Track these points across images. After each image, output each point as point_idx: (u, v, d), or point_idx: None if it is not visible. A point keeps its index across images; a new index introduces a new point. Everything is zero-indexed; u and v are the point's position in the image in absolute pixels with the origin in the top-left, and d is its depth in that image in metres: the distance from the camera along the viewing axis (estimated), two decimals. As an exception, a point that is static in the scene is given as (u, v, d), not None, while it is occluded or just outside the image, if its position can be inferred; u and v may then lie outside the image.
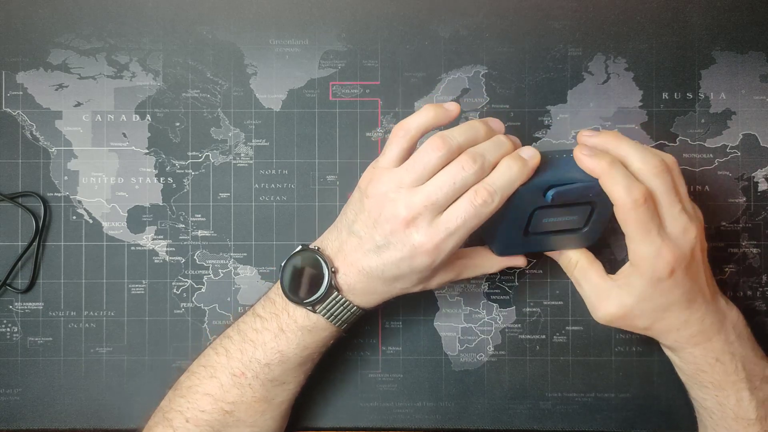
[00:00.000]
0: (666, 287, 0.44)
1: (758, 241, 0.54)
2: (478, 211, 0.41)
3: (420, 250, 0.42)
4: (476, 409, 0.54)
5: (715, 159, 0.54)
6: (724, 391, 0.45)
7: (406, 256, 0.42)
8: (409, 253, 0.42)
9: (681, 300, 0.44)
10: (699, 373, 0.46)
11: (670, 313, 0.45)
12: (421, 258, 0.42)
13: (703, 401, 0.47)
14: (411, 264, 0.43)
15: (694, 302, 0.45)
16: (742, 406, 0.45)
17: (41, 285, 0.54)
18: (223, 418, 0.45)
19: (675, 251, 0.43)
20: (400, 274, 0.43)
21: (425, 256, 0.42)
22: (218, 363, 0.46)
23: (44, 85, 0.54)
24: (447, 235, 0.42)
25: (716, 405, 0.46)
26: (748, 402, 0.45)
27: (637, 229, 0.42)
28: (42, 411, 0.54)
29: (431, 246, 0.42)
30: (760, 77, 0.54)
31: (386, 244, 0.43)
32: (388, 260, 0.43)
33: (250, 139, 0.54)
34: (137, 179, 0.54)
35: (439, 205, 0.42)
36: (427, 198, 0.41)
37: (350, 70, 0.54)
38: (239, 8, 0.54)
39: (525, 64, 0.54)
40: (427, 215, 0.42)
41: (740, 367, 0.45)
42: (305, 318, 0.45)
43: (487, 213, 0.42)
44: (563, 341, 0.54)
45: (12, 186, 0.54)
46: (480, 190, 0.41)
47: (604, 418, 0.54)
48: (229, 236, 0.54)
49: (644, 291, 0.44)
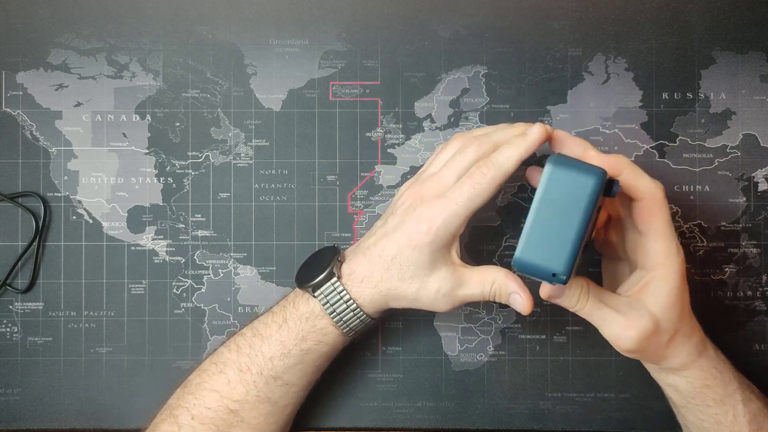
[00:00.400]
0: (684, 287, 0.42)
1: (758, 241, 0.54)
2: (476, 182, 0.42)
3: (416, 219, 0.43)
4: (476, 409, 0.54)
5: (715, 159, 0.54)
6: (723, 407, 0.44)
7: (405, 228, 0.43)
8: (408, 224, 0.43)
9: (688, 301, 0.43)
10: (705, 390, 0.44)
11: (685, 318, 0.43)
12: (418, 226, 0.43)
13: (700, 423, 0.46)
14: (409, 234, 0.43)
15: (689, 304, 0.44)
16: (738, 422, 0.44)
17: (41, 285, 0.54)
18: (227, 417, 0.45)
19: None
20: (398, 251, 0.44)
21: (422, 223, 0.43)
22: (228, 359, 0.46)
23: (44, 85, 0.54)
24: (444, 204, 0.43)
25: (714, 425, 0.45)
26: (742, 416, 0.44)
27: (666, 222, 0.41)
28: (42, 411, 0.54)
29: (428, 213, 0.43)
30: (760, 77, 0.54)
31: (393, 222, 0.45)
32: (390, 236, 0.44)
33: (250, 139, 0.54)
34: (137, 179, 0.54)
35: (445, 182, 0.44)
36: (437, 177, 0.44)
37: (350, 70, 0.54)
38: (239, 8, 0.54)
39: (525, 64, 0.54)
40: (434, 189, 0.44)
41: (733, 377, 0.45)
42: (305, 305, 0.46)
43: (486, 184, 0.42)
44: (563, 341, 0.54)
45: (12, 186, 0.54)
46: (479, 164, 0.43)
47: (604, 418, 0.54)
48: (229, 236, 0.54)
49: (671, 295, 0.42)
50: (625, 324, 0.42)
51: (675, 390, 0.46)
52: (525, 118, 0.54)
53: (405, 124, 0.54)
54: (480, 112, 0.54)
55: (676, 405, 0.47)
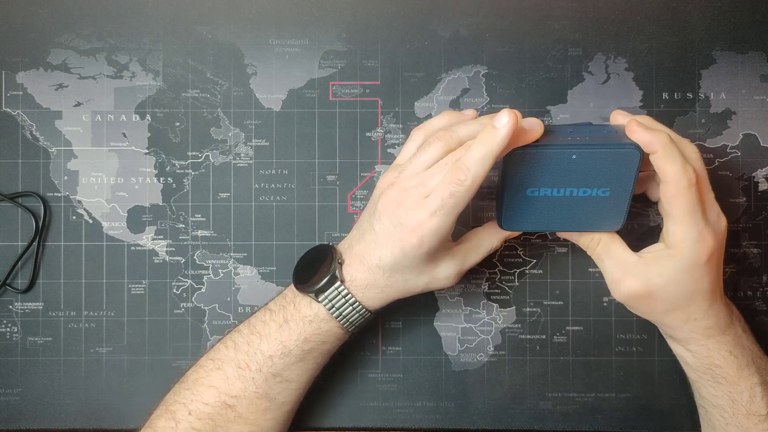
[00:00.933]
0: (698, 274, 0.43)
1: (758, 241, 0.54)
2: (455, 190, 0.41)
3: (406, 230, 0.43)
4: (476, 409, 0.54)
5: (716, 159, 0.54)
6: (737, 387, 0.45)
7: (397, 239, 0.43)
8: (399, 235, 0.43)
9: (707, 289, 0.44)
10: (713, 368, 0.46)
11: (693, 301, 0.44)
12: (409, 239, 0.43)
13: (714, 399, 0.47)
14: (402, 248, 0.43)
15: (715, 293, 0.45)
16: (755, 402, 0.45)
17: (41, 285, 0.54)
18: (225, 412, 0.45)
19: (715, 237, 0.43)
20: (396, 262, 0.44)
21: (411, 236, 0.42)
22: (226, 356, 0.46)
23: (44, 85, 0.54)
24: (429, 214, 0.42)
25: (729, 402, 0.46)
26: (760, 397, 0.45)
27: (686, 210, 0.42)
28: (42, 411, 0.54)
29: (415, 224, 0.42)
30: (760, 77, 0.54)
31: (381, 229, 0.44)
32: (383, 246, 0.44)
33: (250, 139, 0.54)
34: (137, 179, 0.54)
35: (428, 189, 0.43)
36: (418, 181, 0.43)
37: (350, 70, 0.54)
38: (239, 8, 0.54)
39: (525, 64, 0.54)
40: (415, 196, 0.43)
41: (751, 361, 0.45)
42: (308, 308, 0.46)
43: (464, 191, 0.41)
44: (563, 341, 0.54)
45: (12, 186, 0.54)
46: (454, 169, 0.41)
47: (605, 418, 0.54)
48: (229, 236, 0.54)
49: (676, 274, 0.43)
50: (619, 278, 0.45)
51: (684, 363, 0.48)
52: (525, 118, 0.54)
53: (405, 124, 0.54)
54: (480, 112, 0.54)
55: (691, 380, 0.48)
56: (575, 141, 0.43)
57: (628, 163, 0.42)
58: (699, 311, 0.45)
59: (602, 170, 0.43)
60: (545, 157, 0.43)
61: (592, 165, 0.43)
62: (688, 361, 0.47)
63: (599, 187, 0.44)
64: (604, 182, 0.43)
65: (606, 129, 0.44)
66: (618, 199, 0.44)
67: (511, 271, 0.54)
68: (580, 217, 0.45)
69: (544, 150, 0.42)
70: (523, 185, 0.44)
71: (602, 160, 0.42)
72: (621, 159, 0.42)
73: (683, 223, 0.42)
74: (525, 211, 0.45)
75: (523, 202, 0.45)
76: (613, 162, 0.43)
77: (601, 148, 0.42)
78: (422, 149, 0.44)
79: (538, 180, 0.44)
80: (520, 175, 0.44)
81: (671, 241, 0.43)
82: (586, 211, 0.45)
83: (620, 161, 0.42)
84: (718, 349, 0.45)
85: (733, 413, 0.46)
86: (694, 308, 0.45)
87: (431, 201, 0.42)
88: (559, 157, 0.42)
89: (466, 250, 0.47)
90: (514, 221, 0.46)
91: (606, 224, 0.46)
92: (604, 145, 0.42)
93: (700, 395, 0.48)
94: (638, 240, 0.53)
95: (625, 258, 0.45)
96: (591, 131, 0.44)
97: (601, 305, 0.54)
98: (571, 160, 0.42)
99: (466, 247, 0.47)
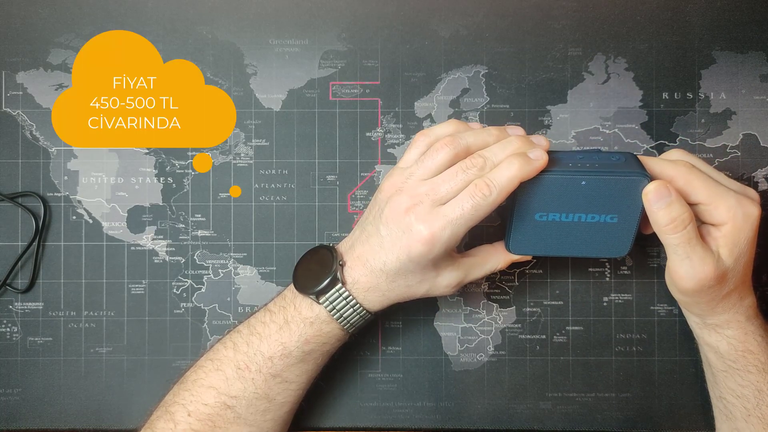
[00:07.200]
0: (752, 241, 0.44)
1: (758, 240, 0.54)
2: (477, 203, 0.42)
3: (416, 237, 0.42)
4: (476, 409, 0.54)
5: (715, 159, 0.54)
6: (765, 376, 0.45)
7: (404, 245, 0.43)
8: (406, 241, 0.43)
9: (751, 264, 0.45)
10: (746, 355, 0.46)
11: (746, 276, 0.45)
12: (418, 246, 0.42)
13: (740, 389, 0.46)
14: (409, 253, 0.43)
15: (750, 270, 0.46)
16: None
17: (41, 285, 0.54)
18: (224, 413, 0.45)
19: (753, 201, 0.44)
20: (401, 267, 0.44)
21: (421, 244, 0.42)
22: (225, 356, 0.46)
23: (44, 85, 0.54)
24: (445, 223, 0.42)
25: (755, 392, 0.46)
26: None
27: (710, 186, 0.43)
28: (42, 411, 0.54)
29: (427, 233, 0.42)
30: (760, 77, 0.54)
31: (388, 234, 0.44)
32: (389, 250, 0.43)
33: (250, 139, 0.54)
34: (137, 179, 0.54)
35: (440, 197, 0.43)
36: (430, 188, 0.43)
37: (350, 70, 0.54)
38: (239, 8, 0.54)
39: (525, 64, 0.54)
40: (427, 203, 0.43)
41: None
42: (309, 309, 0.46)
43: (486, 206, 0.42)
44: (563, 341, 0.54)
45: (12, 186, 0.54)
46: (479, 183, 0.42)
47: (605, 418, 0.54)
48: (229, 236, 0.54)
49: (738, 245, 0.44)
50: (699, 265, 0.43)
51: (715, 352, 0.47)
52: (525, 117, 0.54)
53: (405, 124, 0.54)
54: (480, 112, 0.54)
55: (716, 371, 0.48)
56: (584, 167, 0.43)
57: (637, 191, 0.43)
58: (747, 289, 0.46)
59: (611, 197, 0.44)
60: (555, 182, 0.43)
61: (601, 191, 0.43)
62: (721, 350, 0.47)
63: (607, 214, 0.44)
64: (612, 209, 0.44)
65: (615, 156, 0.45)
66: (625, 226, 0.45)
67: (511, 271, 0.54)
68: (587, 242, 0.46)
69: (554, 175, 0.43)
70: (532, 209, 0.45)
71: (611, 186, 0.43)
72: (630, 186, 0.43)
73: (717, 196, 0.43)
74: (533, 235, 0.46)
75: (531, 226, 0.45)
76: (622, 189, 0.43)
77: (611, 175, 0.43)
78: (429, 154, 0.44)
79: (547, 205, 0.44)
80: (529, 199, 0.44)
81: (719, 218, 0.43)
82: (593, 237, 0.45)
83: (629, 189, 0.43)
84: (754, 333, 0.46)
85: (757, 404, 0.46)
86: (745, 287, 0.46)
87: (450, 210, 0.42)
88: (569, 183, 0.43)
89: (470, 264, 0.47)
90: (522, 245, 0.47)
91: (612, 250, 0.46)
92: (614, 172, 0.43)
93: (725, 386, 0.48)
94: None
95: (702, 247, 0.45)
96: (600, 158, 0.45)
97: (601, 305, 0.54)
98: (581, 186, 0.43)
99: (471, 262, 0.47)
